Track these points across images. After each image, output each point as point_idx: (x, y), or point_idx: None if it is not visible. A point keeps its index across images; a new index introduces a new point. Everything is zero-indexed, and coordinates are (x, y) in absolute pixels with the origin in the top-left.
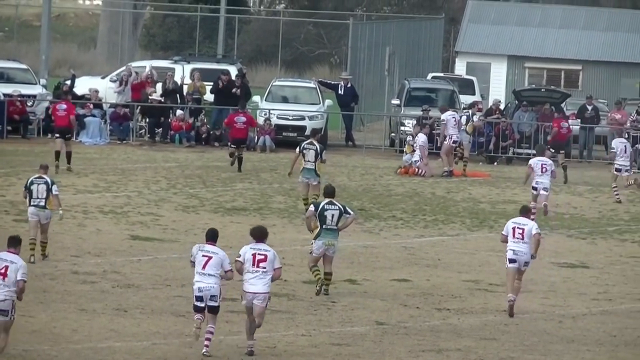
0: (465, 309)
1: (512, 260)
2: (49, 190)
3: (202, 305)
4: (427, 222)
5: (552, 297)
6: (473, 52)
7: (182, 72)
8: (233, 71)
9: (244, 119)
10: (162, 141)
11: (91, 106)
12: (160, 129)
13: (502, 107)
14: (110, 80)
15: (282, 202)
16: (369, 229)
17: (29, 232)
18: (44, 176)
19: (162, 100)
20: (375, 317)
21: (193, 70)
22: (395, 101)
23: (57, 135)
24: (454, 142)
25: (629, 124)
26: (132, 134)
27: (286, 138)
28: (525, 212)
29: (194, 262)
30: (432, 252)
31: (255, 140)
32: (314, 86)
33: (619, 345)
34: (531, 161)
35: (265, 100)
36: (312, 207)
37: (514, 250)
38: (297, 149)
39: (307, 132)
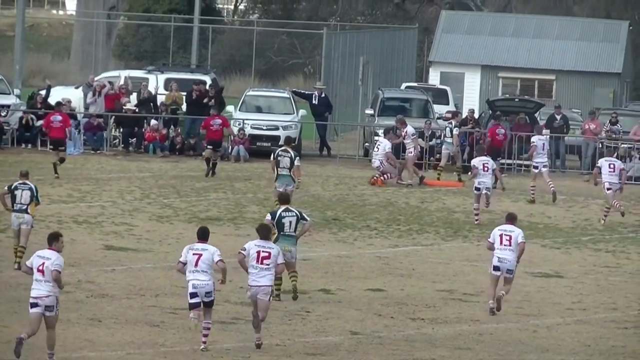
0: (439, 318)
1: (496, 268)
2: (33, 196)
3: (198, 301)
4: (401, 232)
5: (526, 306)
6: (447, 62)
7: (156, 82)
8: (207, 81)
9: (219, 121)
10: (136, 151)
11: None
12: (134, 139)
13: (475, 116)
14: (75, 88)
15: (256, 212)
16: (343, 238)
17: (13, 241)
18: (28, 182)
19: (137, 110)
20: (349, 327)
21: (168, 81)
22: (369, 111)
23: (52, 147)
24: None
25: (603, 134)
26: (106, 144)
27: (260, 148)
28: (511, 219)
29: (184, 263)
30: (406, 261)
31: (229, 150)
32: (288, 96)
33: (593, 355)
34: (473, 161)
35: (239, 110)
36: (269, 216)
37: (499, 258)
38: (272, 156)
39: (282, 142)
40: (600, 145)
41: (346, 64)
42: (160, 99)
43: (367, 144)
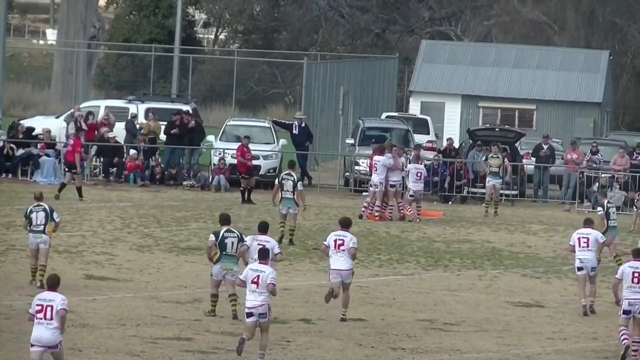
0: (419, 348)
1: (580, 268)
2: (47, 217)
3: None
4: (381, 262)
5: (507, 336)
6: (427, 92)
7: (136, 112)
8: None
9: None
10: (117, 180)
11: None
12: (115, 168)
13: (455, 145)
14: (56, 117)
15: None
16: (324, 268)
17: (30, 261)
18: (42, 203)
19: (118, 139)
20: (330, 357)
21: (149, 110)
22: (350, 140)
23: (66, 169)
24: (392, 185)
25: (584, 163)
26: (86, 174)
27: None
28: (588, 223)
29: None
30: (387, 291)
31: (210, 180)
32: (269, 126)
33: None
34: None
35: (220, 139)
36: (212, 237)
37: (580, 259)
38: (276, 180)
39: (262, 172)
40: (581, 175)
41: (326, 94)
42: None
43: (347, 173)
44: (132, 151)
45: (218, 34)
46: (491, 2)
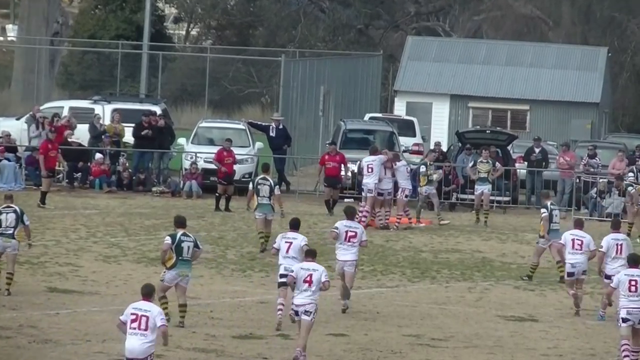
0: None
1: (570, 274)
2: (18, 219)
3: (284, 281)
4: (364, 273)
5: (498, 352)
6: (413, 91)
7: (102, 113)
8: (157, 112)
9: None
10: (81, 186)
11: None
12: (79, 173)
13: (443, 149)
14: (16, 119)
15: (209, 252)
16: None
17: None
18: (12, 205)
19: (82, 143)
20: None
21: (114, 111)
22: None
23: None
24: (380, 194)
25: (581, 168)
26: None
27: (214, 183)
28: (579, 224)
29: (278, 249)
30: (370, 304)
31: (181, 186)
32: (244, 127)
33: None
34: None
35: (192, 142)
36: (168, 240)
37: (572, 264)
38: (251, 185)
39: (237, 177)
40: (578, 180)
41: (306, 94)
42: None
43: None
44: (98, 155)
45: (190, 29)
46: None
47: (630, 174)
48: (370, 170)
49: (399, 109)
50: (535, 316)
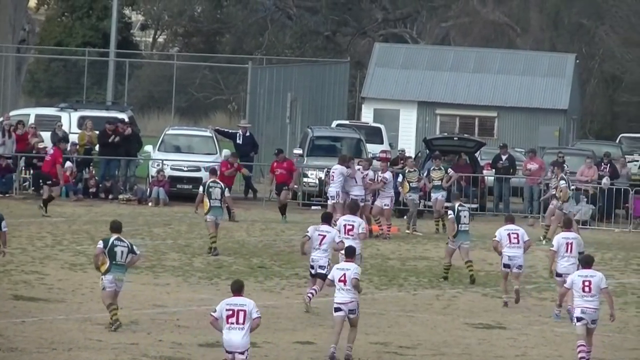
0: None
1: (506, 265)
2: None
3: (313, 272)
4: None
5: None
6: (381, 98)
7: (69, 121)
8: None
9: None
10: None
11: None
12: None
13: (409, 155)
14: None
15: (176, 260)
16: (270, 287)
17: None
18: None
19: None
20: None
21: (83, 119)
22: (298, 151)
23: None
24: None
25: (549, 174)
26: (15, 187)
27: (181, 190)
28: (510, 220)
29: (310, 237)
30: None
31: (148, 193)
32: (210, 135)
33: None
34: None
35: (158, 150)
36: (100, 244)
37: (509, 256)
38: (201, 188)
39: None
40: (546, 187)
41: (273, 101)
42: (73, 138)
43: (295, 186)
44: (68, 163)
45: (156, 36)
46: (449, 3)
47: (562, 181)
48: (332, 177)
49: (367, 115)
50: (503, 323)
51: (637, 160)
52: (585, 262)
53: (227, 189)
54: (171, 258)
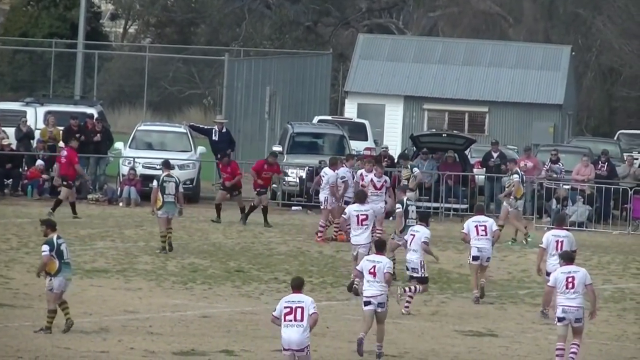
0: None
1: (475, 258)
2: None
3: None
4: (313, 285)
5: None
6: (365, 93)
7: (35, 116)
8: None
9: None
10: (12, 194)
11: None
12: (10, 179)
13: (393, 154)
14: None
15: (148, 263)
16: (248, 292)
17: None
18: None
19: (13, 147)
20: None
21: (47, 114)
22: (277, 148)
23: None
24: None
25: (543, 173)
26: None
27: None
28: (479, 211)
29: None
30: (320, 318)
31: (119, 193)
32: (185, 131)
33: None
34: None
35: (129, 147)
36: (46, 248)
37: (478, 248)
38: (155, 182)
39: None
40: (540, 187)
41: (251, 95)
42: (39, 135)
43: (274, 185)
44: (39, 162)
45: (127, 27)
46: None
47: (515, 176)
48: (321, 182)
49: (350, 111)
50: (494, 331)
51: (637, 158)
52: (567, 257)
53: (181, 183)
54: (143, 261)
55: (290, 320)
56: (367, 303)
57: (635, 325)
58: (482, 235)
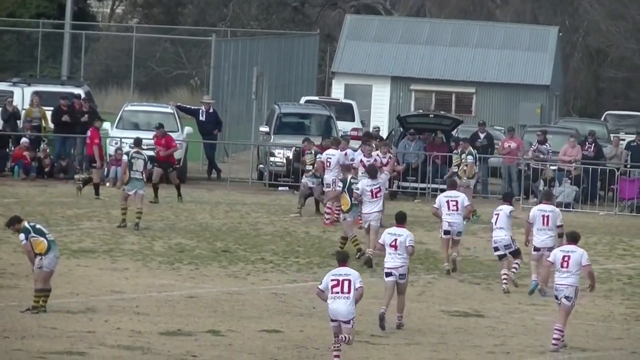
0: None
1: (446, 232)
2: None
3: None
4: (300, 266)
5: (442, 349)
6: (352, 73)
7: (22, 96)
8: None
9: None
10: None
11: None
12: None
13: (382, 134)
14: None
15: (135, 243)
16: (234, 272)
17: None
18: None
19: None
20: None
21: (34, 94)
22: (264, 128)
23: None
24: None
25: (530, 154)
26: None
27: None
28: (452, 185)
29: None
30: (306, 299)
31: (105, 173)
32: (172, 111)
33: None
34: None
35: (116, 127)
36: (23, 236)
37: (449, 222)
38: (125, 157)
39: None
40: (527, 168)
41: (238, 75)
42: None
43: (261, 165)
44: (24, 140)
45: (114, 7)
46: None
47: (470, 157)
48: (328, 164)
49: (337, 91)
50: (481, 311)
51: (624, 139)
52: (570, 237)
53: (149, 161)
54: (130, 241)
55: (338, 293)
56: (388, 274)
57: (622, 306)
58: (453, 210)
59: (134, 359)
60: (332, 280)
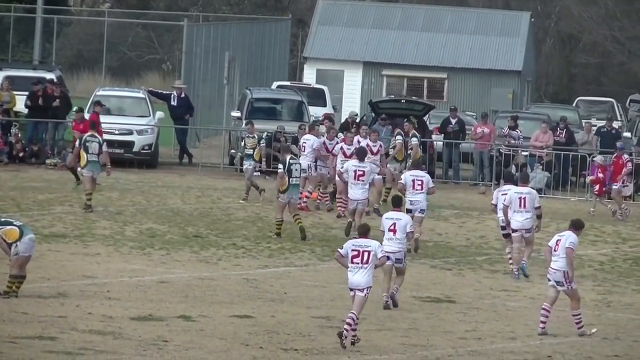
0: (315, 349)
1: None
2: None
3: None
4: (272, 251)
5: (413, 335)
6: (324, 58)
7: None
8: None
9: None
10: None
11: None
12: None
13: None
14: None
15: (107, 228)
16: (206, 258)
17: None
18: None
19: None
20: (212, 359)
21: (5, 79)
22: (236, 113)
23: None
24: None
25: (498, 134)
26: None
27: (111, 155)
28: (416, 165)
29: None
30: (278, 284)
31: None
32: (143, 96)
33: None
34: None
35: (88, 112)
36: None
37: (411, 201)
38: (78, 142)
39: (136, 148)
40: (498, 153)
41: (210, 60)
42: None
43: (233, 150)
44: None
45: None
46: None
47: (414, 139)
48: (303, 149)
49: (309, 76)
50: (452, 297)
51: (595, 125)
52: (574, 225)
53: (105, 143)
54: (101, 226)
55: (358, 263)
56: (387, 258)
57: (593, 292)
58: (417, 190)
59: (105, 343)
60: (353, 250)
